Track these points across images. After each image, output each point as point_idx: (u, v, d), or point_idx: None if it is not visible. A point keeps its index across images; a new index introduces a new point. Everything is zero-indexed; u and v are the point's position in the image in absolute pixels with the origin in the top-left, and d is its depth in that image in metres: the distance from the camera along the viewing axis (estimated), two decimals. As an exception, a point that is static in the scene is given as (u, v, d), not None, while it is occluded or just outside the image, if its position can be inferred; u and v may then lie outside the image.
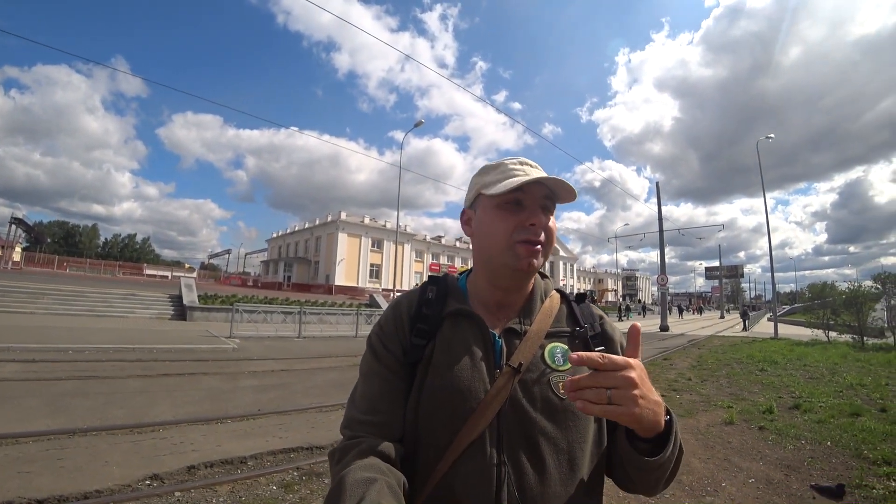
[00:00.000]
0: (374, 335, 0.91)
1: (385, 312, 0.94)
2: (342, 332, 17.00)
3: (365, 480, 0.66)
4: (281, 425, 4.96)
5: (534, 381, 0.81)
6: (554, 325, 0.89)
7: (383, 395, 0.84)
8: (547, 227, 0.86)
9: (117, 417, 4.82)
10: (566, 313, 0.93)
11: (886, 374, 9.05)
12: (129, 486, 3.25)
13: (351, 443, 0.77)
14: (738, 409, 6.09)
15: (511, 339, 0.86)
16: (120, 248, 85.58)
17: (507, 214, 0.85)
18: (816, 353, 12.70)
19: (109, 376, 6.83)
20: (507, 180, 0.84)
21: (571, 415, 0.80)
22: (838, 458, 4.28)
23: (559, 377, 0.81)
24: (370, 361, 0.89)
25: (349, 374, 8.51)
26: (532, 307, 0.91)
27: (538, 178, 0.83)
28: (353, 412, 0.84)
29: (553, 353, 0.85)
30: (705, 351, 13.93)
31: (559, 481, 0.76)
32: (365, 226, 49.87)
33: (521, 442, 0.77)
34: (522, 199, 0.85)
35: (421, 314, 0.90)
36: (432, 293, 0.93)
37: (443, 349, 0.85)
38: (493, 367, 0.83)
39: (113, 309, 16.85)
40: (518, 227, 0.84)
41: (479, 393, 0.79)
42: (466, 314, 0.88)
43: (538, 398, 0.80)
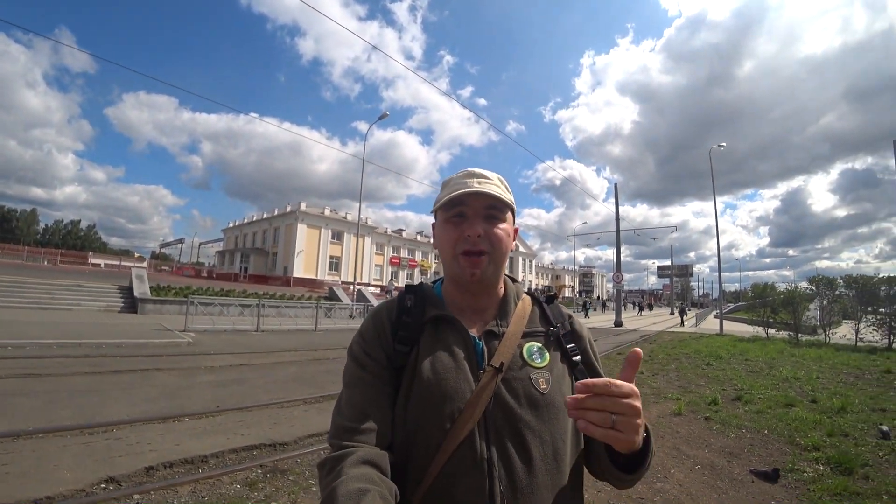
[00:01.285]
0: (355, 344, 0.93)
1: (365, 322, 0.97)
2: (301, 325, 16.74)
3: (357, 491, 0.66)
4: (242, 422, 4.87)
5: (516, 379, 0.86)
6: (529, 326, 0.95)
7: (370, 403, 0.85)
8: (492, 234, 0.90)
9: (65, 418, 4.59)
10: (538, 314, 1.00)
11: (817, 368, 9.77)
12: (83, 491, 3.12)
13: (341, 453, 0.77)
14: (686, 401, 6.45)
15: (491, 341, 0.90)
16: (62, 236, 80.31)
17: (452, 227, 0.92)
18: (757, 348, 13.54)
19: (54, 374, 6.47)
20: (450, 195, 0.91)
21: (553, 409, 0.85)
22: (774, 444, 4.63)
23: (538, 374, 0.87)
24: (353, 370, 0.90)
25: (310, 368, 8.43)
26: (507, 310, 0.96)
27: (473, 190, 0.90)
28: (340, 421, 0.84)
29: (531, 352, 0.90)
30: (656, 346, 14.58)
31: (545, 471, 0.81)
32: (325, 217, 49.00)
33: (508, 437, 0.81)
34: (465, 212, 0.91)
35: (402, 321, 0.93)
36: (411, 301, 0.96)
37: (427, 354, 0.88)
38: (476, 368, 0.87)
39: (56, 301, 15.91)
40: (459, 239, 0.90)
41: (465, 393, 0.83)
42: (447, 319, 0.92)
43: (521, 394, 0.84)
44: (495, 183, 0.94)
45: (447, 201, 0.91)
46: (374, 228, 55.03)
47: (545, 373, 0.88)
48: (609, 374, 0.76)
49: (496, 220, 0.92)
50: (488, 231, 0.90)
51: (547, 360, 0.91)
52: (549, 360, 0.91)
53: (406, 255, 59.61)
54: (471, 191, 0.90)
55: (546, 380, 0.87)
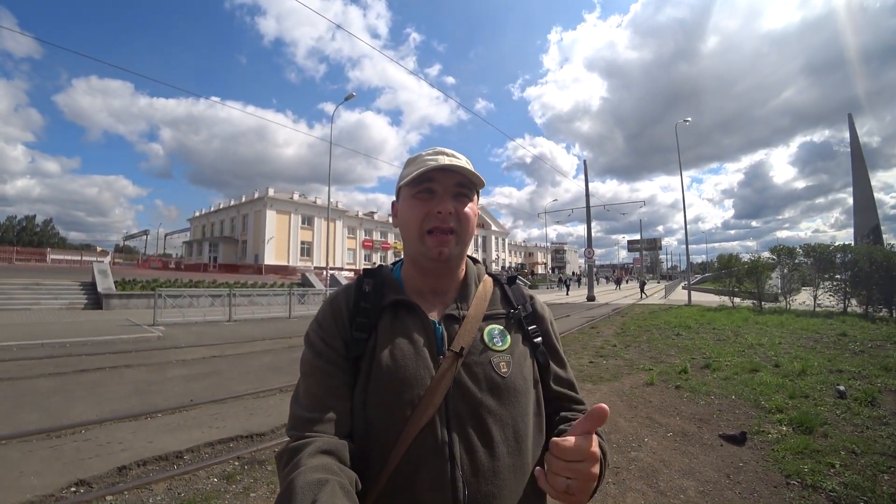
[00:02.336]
0: (312, 332, 0.91)
1: (322, 308, 0.94)
2: (274, 313, 16.51)
3: (316, 482, 0.65)
4: (216, 415, 4.79)
5: (476, 363, 0.85)
6: (490, 308, 0.94)
7: (328, 392, 0.83)
8: (461, 213, 0.89)
9: (30, 422, 4.41)
10: (500, 296, 0.99)
11: (780, 333, 10.21)
12: (52, 496, 3.01)
13: (299, 444, 0.75)
14: (658, 371, 6.66)
15: (451, 325, 0.89)
16: (17, 232, 76.46)
17: (419, 203, 0.89)
18: (723, 317, 14.03)
19: (15, 377, 6.21)
20: (419, 169, 0.88)
21: (514, 391, 0.85)
22: (741, 409, 4.84)
23: (499, 357, 0.87)
24: (311, 359, 0.88)
25: (284, 356, 8.33)
26: (467, 292, 0.95)
27: (445, 164, 0.87)
28: (298, 411, 0.83)
29: (492, 335, 0.90)
30: (628, 318, 14.97)
31: (507, 453, 0.81)
32: (294, 202, 47.97)
33: (469, 421, 0.81)
34: (434, 188, 0.89)
35: (360, 307, 0.91)
36: (369, 286, 0.94)
37: (385, 340, 0.86)
38: (436, 354, 0.86)
39: (13, 301, 15.22)
40: (428, 216, 0.88)
41: (424, 379, 0.82)
42: (405, 304, 0.90)
43: (482, 379, 0.84)
44: (464, 162, 0.92)
45: (416, 176, 0.88)
46: (345, 212, 54.26)
47: (506, 356, 0.88)
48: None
49: (465, 198, 0.90)
50: (458, 209, 0.89)
51: (508, 343, 0.90)
52: (510, 343, 0.91)
53: (379, 237, 59.16)
54: (442, 164, 0.87)
55: (507, 363, 0.87)
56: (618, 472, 3.46)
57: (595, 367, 7.20)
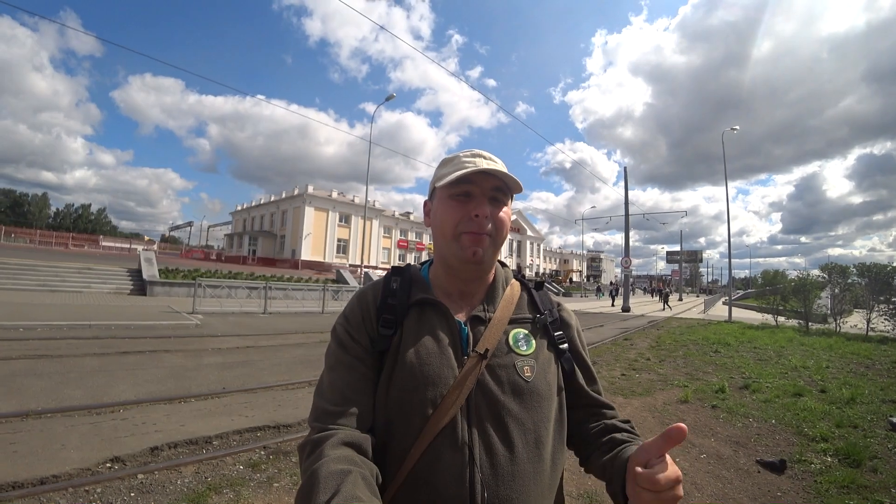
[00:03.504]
0: (339, 326, 0.92)
1: (350, 303, 0.95)
2: (308, 307, 16.85)
3: (339, 472, 0.66)
4: (246, 403, 4.90)
5: (500, 366, 0.85)
6: (516, 312, 0.94)
7: (352, 385, 0.84)
8: (497, 217, 0.88)
9: (74, 398, 4.65)
10: (527, 300, 0.98)
11: (827, 357, 9.64)
12: (89, 470, 3.15)
13: (322, 435, 0.77)
14: (693, 388, 6.40)
15: (476, 326, 0.89)
16: (73, 219, 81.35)
17: (457, 205, 0.88)
18: (766, 336, 13.40)
19: (64, 355, 6.55)
20: (458, 172, 0.87)
21: (537, 396, 0.84)
22: (782, 435, 4.58)
23: (523, 361, 0.86)
24: (337, 352, 0.89)
25: (316, 350, 8.47)
26: (495, 295, 0.95)
27: (484, 168, 0.86)
28: (321, 404, 0.83)
29: (517, 338, 0.89)
30: (663, 332, 14.50)
31: (527, 459, 0.80)
32: (333, 200, 48.99)
33: (490, 424, 0.81)
34: (471, 191, 0.88)
35: (387, 304, 0.91)
36: (396, 283, 0.95)
37: (410, 338, 0.87)
38: (460, 354, 0.86)
39: (66, 283, 16.12)
40: (464, 218, 0.87)
41: (448, 379, 0.82)
42: (431, 303, 0.91)
43: (505, 382, 0.83)
44: (501, 166, 0.91)
45: (455, 179, 0.87)
46: (382, 211, 55.00)
47: (530, 360, 0.87)
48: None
49: (500, 202, 0.90)
50: (493, 213, 0.88)
51: (533, 348, 0.89)
52: (535, 348, 0.90)
53: (414, 238, 59.64)
54: (481, 169, 0.86)
55: (531, 367, 0.86)
56: (646, 490, 3.33)
57: (627, 380, 6.99)
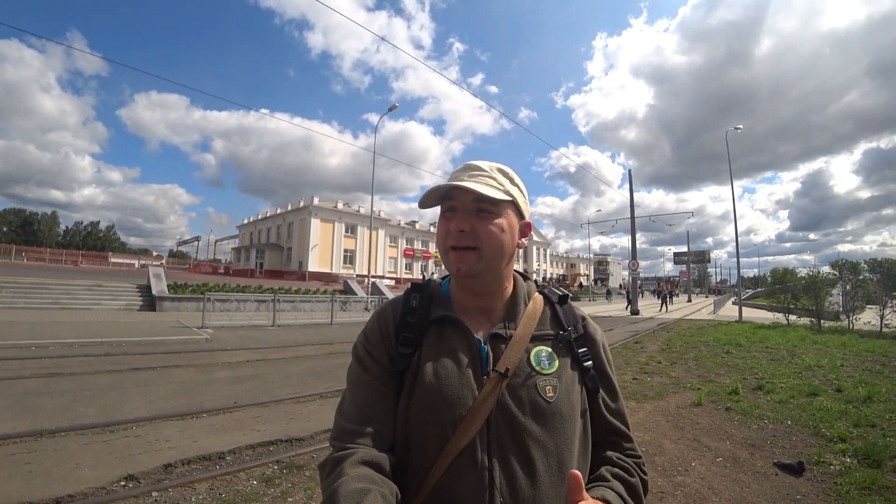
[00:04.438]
0: (359, 344, 0.92)
1: (370, 321, 0.95)
2: (317, 319, 16.88)
3: (358, 491, 0.66)
4: (258, 418, 4.91)
5: (521, 386, 0.82)
6: (538, 329, 0.90)
7: (372, 404, 0.83)
8: (481, 230, 0.85)
9: (87, 416, 4.67)
10: (549, 315, 0.94)
11: (841, 355, 9.52)
12: (104, 489, 3.16)
13: (342, 454, 0.76)
14: (706, 390, 6.32)
15: (497, 345, 0.87)
16: (82, 237, 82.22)
17: (444, 222, 0.89)
18: (777, 335, 13.24)
19: (76, 372, 6.60)
20: (439, 192, 0.89)
21: (559, 418, 0.81)
22: (798, 436, 4.51)
23: (546, 381, 0.83)
24: (357, 371, 0.88)
25: (326, 362, 8.48)
26: (516, 311, 0.92)
27: (455, 185, 0.85)
28: (342, 422, 0.83)
29: (539, 357, 0.86)
30: (674, 334, 14.38)
31: (549, 483, 0.78)
32: (338, 211, 49.30)
33: (510, 446, 0.78)
34: (455, 206, 0.88)
35: (406, 322, 0.90)
36: (416, 301, 0.93)
37: (429, 357, 0.85)
38: (480, 373, 0.84)
39: (77, 301, 16.27)
40: (450, 234, 0.87)
41: (467, 399, 0.80)
42: (451, 321, 0.89)
43: (526, 402, 0.81)
44: (490, 175, 0.89)
45: (438, 198, 0.89)
46: (388, 221, 55.24)
47: (553, 379, 0.85)
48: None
49: (487, 214, 0.86)
50: (476, 226, 0.85)
51: (556, 367, 0.87)
52: (557, 367, 0.87)
53: (420, 246, 59.76)
54: (454, 184, 0.85)
55: (553, 387, 0.84)
56: (662, 497, 3.29)
57: (639, 384, 6.93)
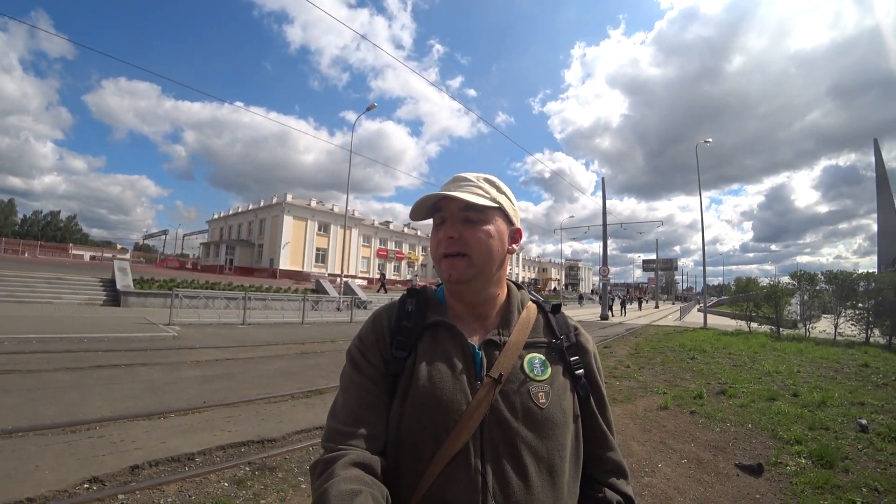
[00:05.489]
0: (354, 347, 0.92)
1: (365, 325, 0.95)
2: (288, 318, 16.56)
3: (349, 493, 0.66)
4: (229, 418, 4.81)
5: (514, 392, 0.84)
6: (532, 336, 0.92)
7: (365, 407, 0.84)
8: (469, 236, 0.88)
9: (47, 416, 4.48)
10: (543, 324, 0.96)
11: (798, 362, 9.96)
12: (66, 492, 3.04)
13: (333, 455, 0.76)
14: (672, 394, 6.53)
15: (491, 351, 0.88)
16: (41, 227, 78.61)
17: (435, 231, 0.93)
18: (740, 342, 13.74)
19: (34, 370, 6.31)
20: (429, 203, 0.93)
21: (551, 424, 0.83)
22: (758, 438, 4.72)
23: (538, 387, 0.85)
24: (351, 373, 0.89)
25: (297, 362, 8.37)
26: (510, 318, 0.94)
27: (443, 193, 0.89)
28: (334, 424, 0.83)
29: (532, 364, 0.88)
30: (642, 339, 14.75)
31: (541, 488, 0.79)
32: (312, 209, 48.56)
33: (503, 451, 0.80)
34: (444, 216, 0.91)
35: (401, 326, 0.91)
36: (412, 305, 0.95)
37: (424, 361, 0.86)
38: (473, 379, 0.85)
39: (36, 294, 15.53)
40: (441, 242, 0.91)
41: (461, 405, 0.81)
42: (446, 326, 0.90)
43: (519, 408, 0.82)
44: (476, 185, 0.92)
45: (428, 208, 0.93)
46: (362, 220, 54.76)
47: (545, 386, 0.86)
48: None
49: (475, 222, 0.89)
50: (464, 233, 0.88)
51: (548, 374, 0.88)
52: (550, 374, 0.89)
53: (393, 247, 59.46)
54: (443, 193, 0.89)
55: (546, 393, 0.85)
56: (630, 497, 3.39)
57: (608, 387, 6.91)
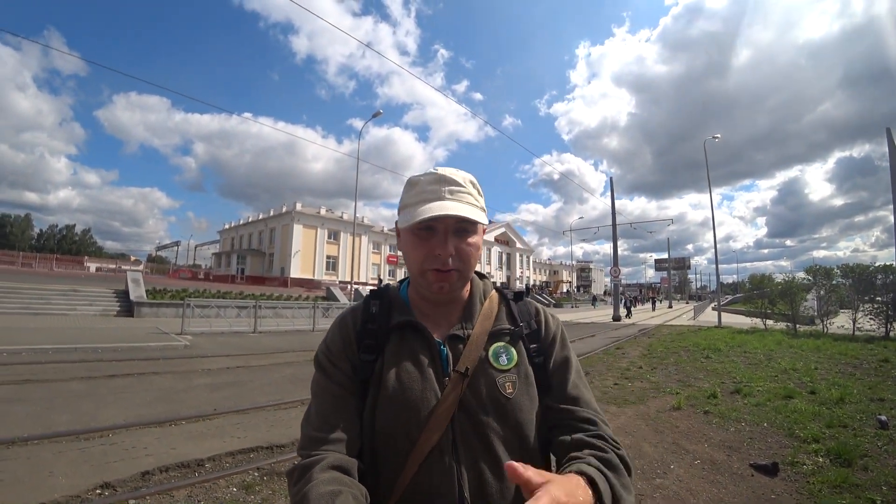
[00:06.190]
0: (321, 354, 0.91)
1: (331, 330, 0.94)
2: (299, 326, 16.71)
3: (330, 493, 0.67)
4: (238, 424, 4.84)
5: (481, 385, 0.84)
6: (495, 325, 0.92)
7: (337, 412, 0.84)
8: (461, 250, 0.85)
9: (61, 424, 4.55)
10: (506, 312, 0.96)
11: (815, 358, 9.77)
12: (78, 497, 3.08)
13: (310, 460, 0.77)
14: (686, 394, 6.44)
15: (455, 345, 0.88)
16: (57, 240, 79.98)
17: (420, 242, 0.86)
18: (755, 340, 13.52)
19: (50, 379, 6.42)
20: (419, 207, 0.84)
21: (519, 412, 0.84)
22: (773, 437, 4.62)
23: (504, 377, 0.85)
24: (320, 381, 0.88)
25: (307, 369, 8.37)
26: (472, 311, 0.94)
27: (441, 215, 0.81)
28: (308, 431, 0.83)
29: (497, 354, 0.88)
30: (654, 340, 14.59)
31: None
32: (321, 217, 48.93)
33: (475, 444, 0.81)
34: (434, 226, 0.84)
35: (367, 329, 0.91)
36: (376, 307, 0.94)
37: (391, 363, 0.86)
38: (441, 375, 0.85)
39: (51, 306, 15.83)
40: (428, 256, 0.85)
41: (430, 402, 0.82)
42: (411, 325, 0.90)
43: (487, 400, 0.83)
44: (467, 191, 0.87)
45: (412, 223, 0.83)
46: (371, 227, 55.02)
47: (511, 375, 0.87)
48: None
49: (467, 233, 0.86)
50: (459, 247, 0.85)
51: (514, 362, 0.89)
52: (515, 361, 0.89)
53: (403, 253, 59.49)
54: (438, 216, 0.82)
55: (512, 383, 0.86)
56: (642, 499, 3.34)
57: (620, 389, 7.02)
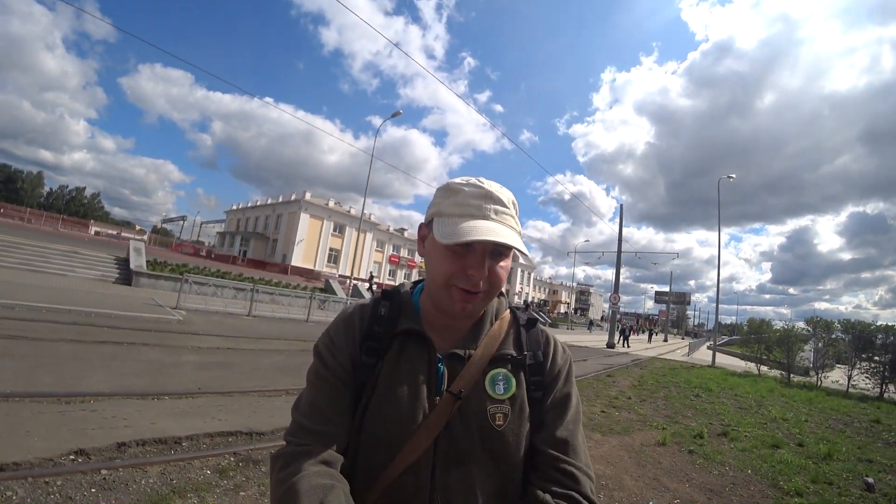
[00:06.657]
0: (322, 345, 0.88)
1: (336, 324, 0.91)
2: (294, 314, 16.67)
3: (322, 486, 0.66)
4: (221, 406, 4.80)
5: (472, 410, 0.81)
6: (499, 349, 0.88)
7: (330, 405, 0.82)
8: (494, 273, 0.80)
9: (45, 384, 4.53)
10: (514, 337, 0.91)
11: (807, 410, 9.67)
12: (51, 461, 3.05)
13: (299, 450, 0.75)
14: (672, 431, 6.36)
15: (454, 364, 0.85)
16: (65, 201, 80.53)
17: (454, 257, 0.80)
18: (747, 384, 13.40)
19: (40, 338, 6.41)
20: (461, 223, 0.78)
21: (506, 446, 0.80)
22: (756, 486, 4.55)
23: (497, 407, 0.82)
24: (318, 370, 0.86)
25: (297, 358, 8.36)
26: (480, 330, 0.90)
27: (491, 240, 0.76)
28: (299, 419, 0.82)
29: (494, 381, 0.84)
30: (647, 371, 14.47)
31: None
32: (329, 209, 49.03)
33: (454, 469, 0.78)
34: (472, 244, 0.79)
35: (372, 331, 0.88)
36: (385, 309, 0.91)
37: (389, 372, 0.84)
38: (434, 393, 0.82)
39: (51, 265, 15.85)
40: (458, 273, 0.79)
41: (418, 419, 0.79)
42: (416, 335, 0.87)
43: (475, 428, 0.80)
44: (510, 213, 0.82)
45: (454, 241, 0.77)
46: (377, 225, 55.13)
47: (505, 406, 0.83)
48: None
49: (502, 256, 0.81)
50: (492, 269, 0.80)
51: (511, 392, 0.85)
52: (512, 392, 0.85)
53: (406, 254, 59.57)
54: (490, 240, 0.76)
55: (504, 414, 0.82)
56: (617, 531, 3.28)
57: (606, 417, 6.95)
